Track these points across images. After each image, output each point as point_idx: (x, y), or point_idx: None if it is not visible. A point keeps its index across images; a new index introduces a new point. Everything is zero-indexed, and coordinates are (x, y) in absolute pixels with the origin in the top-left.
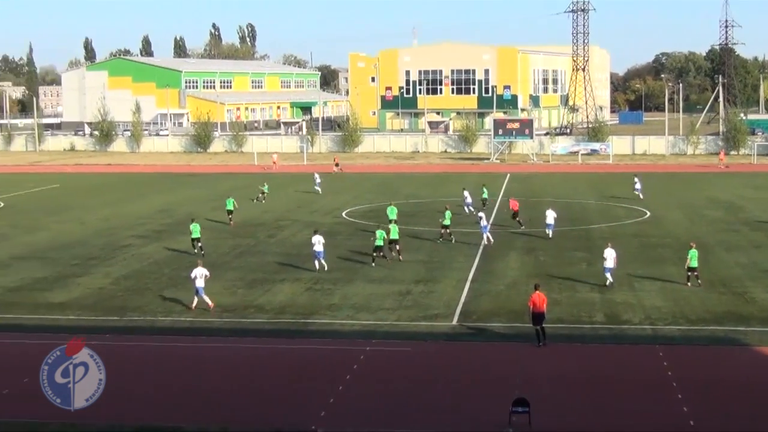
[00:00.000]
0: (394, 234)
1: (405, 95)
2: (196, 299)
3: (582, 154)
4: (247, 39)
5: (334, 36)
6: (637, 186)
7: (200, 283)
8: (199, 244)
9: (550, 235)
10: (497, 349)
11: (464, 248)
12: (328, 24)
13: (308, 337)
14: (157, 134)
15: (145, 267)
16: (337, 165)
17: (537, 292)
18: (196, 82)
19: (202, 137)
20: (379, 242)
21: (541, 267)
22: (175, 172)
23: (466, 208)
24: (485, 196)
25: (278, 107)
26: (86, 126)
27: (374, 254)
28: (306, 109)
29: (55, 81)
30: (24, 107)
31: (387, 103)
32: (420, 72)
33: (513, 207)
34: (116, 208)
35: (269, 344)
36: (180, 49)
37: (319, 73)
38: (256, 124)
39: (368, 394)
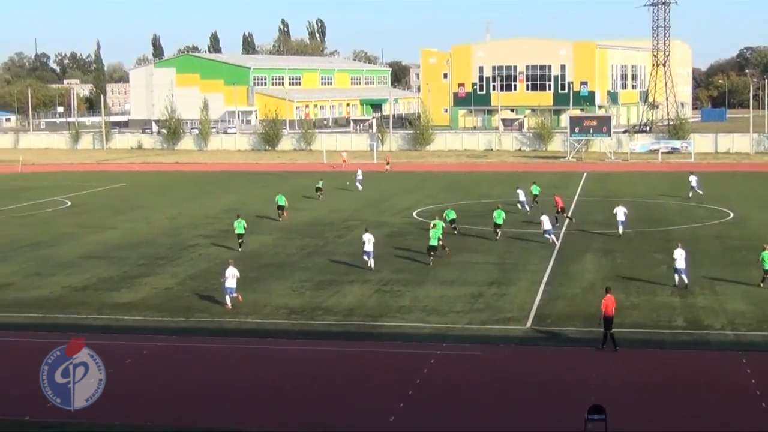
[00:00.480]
0: (439, 231)
1: (478, 92)
2: (229, 299)
3: (662, 153)
4: (317, 35)
5: (405, 31)
6: (693, 184)
7: (231, 284)
8: (240, 240)
9: (620, 233)
10: (572, 354)
11: (538, 249)
12: (399, 19)
13: (377, 340)
14: (225, 132)
15: (212, 267)
16: (388, 164)
17: (608, 294)
18: (265, 79)
19: (270, 135)
20: (433, 242)
21: (619, 269)
22: (242, 171)
23: (519, 206)
24: (536, 192)
25: (348, 104)
26: (154, 124)
27: (431, 253)
28: (376, 106)
29: (123, 78)
30: (91, 105)
31: (459, 100)
32: (494, 68)
33: (558, 204)
34: (183, 208)
35: (337, 347)
36: (248, 46)
37: (390, 69)
38: (325, 122)
39: (439, 399)
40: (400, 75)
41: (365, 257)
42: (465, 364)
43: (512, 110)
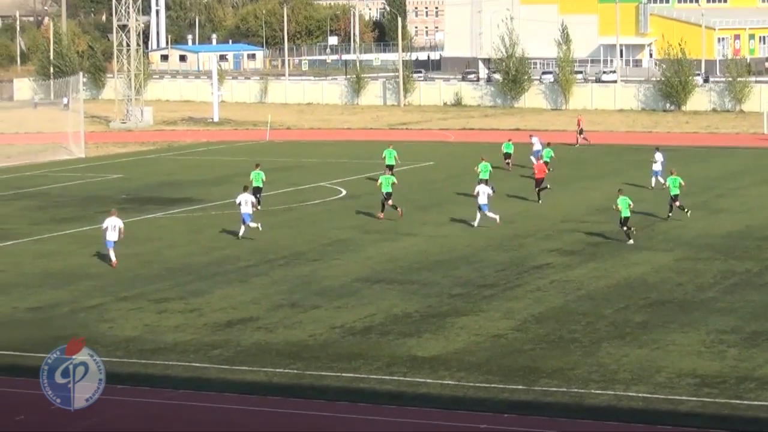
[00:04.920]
0: (387, 186)
1: None
2: (112, 252)
3: None
4: None
5: None
6: None
7: (112, 236)
8: (258, 196)
9: None
10: None
11: None
12: None
13: None
14: (598, 80)
15: (572, 303)
16: (581, 132)
17: None
18: None
19: (673, 85)
20: (625, 213)
21: None
22: (625, 145)
23: (532, 158)
24: (508, 150)
25: None
26: (481, 65)
27: (624, 229)
28: None
29: None
30: (382, 34)
31: None
32: None
33: (538, 173)
34: (527, 203)
35: None
36: None
37: None
38: None
39: None
40: None
41: (246, 223)
42: None
43: None
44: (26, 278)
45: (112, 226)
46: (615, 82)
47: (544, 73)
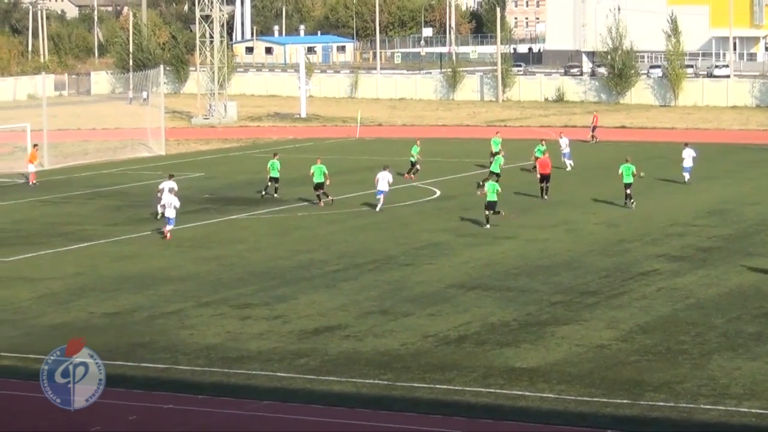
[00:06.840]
0: (319, 177)
1: None
2: (169, 230)
3: None
4: None
5: None
6: None
7: (170, 213)
8: (276, 185)
9: None
10: None
11: None
12: None
13: None
14: (710, 74)
15: (680, 312)
16: (593, 129)
17: None
18: None
19: None
20: (491, 197)
21: None
22: (739, 144)
23: (564, 160)
24: (496, 149)
25: None
26: (585, 58)
27: (486, 213)
28: None
29: None
30: (479, 25)
31: None
32: None
33: (542, 169)
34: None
35: None
36: None
37: None
38: None
39: None
40: None
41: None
42: None
43: None
44: (103, 282)
45: (169, 203)
46: (728, 76)
47: (652, 67)
